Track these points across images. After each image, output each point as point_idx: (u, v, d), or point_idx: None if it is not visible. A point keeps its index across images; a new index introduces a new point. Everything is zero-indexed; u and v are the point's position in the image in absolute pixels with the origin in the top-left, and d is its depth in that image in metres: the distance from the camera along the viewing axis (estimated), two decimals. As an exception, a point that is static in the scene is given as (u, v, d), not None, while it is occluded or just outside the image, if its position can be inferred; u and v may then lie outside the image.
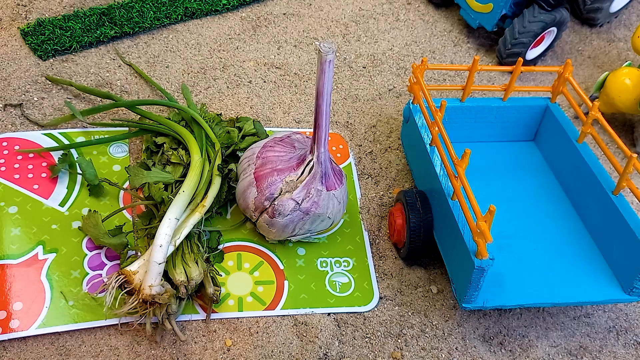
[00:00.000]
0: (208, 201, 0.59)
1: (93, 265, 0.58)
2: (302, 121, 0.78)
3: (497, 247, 0.58)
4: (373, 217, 0.68)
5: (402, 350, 0.56)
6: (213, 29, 0.90)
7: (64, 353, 0.52)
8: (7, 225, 0.60)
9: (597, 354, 0.58)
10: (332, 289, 0.60)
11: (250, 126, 0.70)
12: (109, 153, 0.69)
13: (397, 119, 0.80)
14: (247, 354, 0.54)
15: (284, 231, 0.59)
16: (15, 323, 0.53)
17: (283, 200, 0.57)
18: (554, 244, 0.60)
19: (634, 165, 0.54)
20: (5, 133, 0.69)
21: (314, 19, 0.95)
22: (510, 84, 0.67)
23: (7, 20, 0.85)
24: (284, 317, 0.57)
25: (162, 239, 0.52)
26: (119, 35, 0.85)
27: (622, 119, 0.84)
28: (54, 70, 0.79)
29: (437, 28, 0.96)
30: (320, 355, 0.55)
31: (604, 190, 0.58)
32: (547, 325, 0.59)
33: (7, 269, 0.56)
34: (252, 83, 0.82)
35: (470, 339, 0.58)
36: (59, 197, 0.63)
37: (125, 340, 0.54)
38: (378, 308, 0.59)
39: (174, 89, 0.80)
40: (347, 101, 0.82)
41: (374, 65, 0.88)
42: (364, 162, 0.74)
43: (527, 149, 0.71)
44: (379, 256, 0.64)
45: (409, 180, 0.72)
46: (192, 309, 0.56)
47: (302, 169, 0.58)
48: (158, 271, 0.51)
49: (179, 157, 0.64)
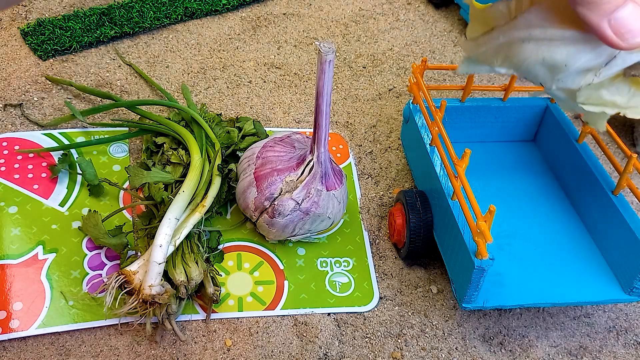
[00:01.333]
0: (208, 201, 0.59)
1: (93, 265, 0.58)
2: (302, 121, 0.78)
3: (497, 247, 0.58)
4: (373, 217, 0.68)
5: (402, 350, 0.56)
6: (213, 29, 0.90)
7: (64, 353, 0.52)
8: (7, 225, 0.60)
9: (597, 354, 0.58)
10: (332, 289, 0.60)
11: (250, 126, 0.70)
12: (109, 153, 0.69)
13: (397, 119, 0.80)
14: (247, 354, 0.54)
15: (284, 231, 0.59)
16: (15, 323, 0.53)
17: (283, 200, 0.57)
18: (554, 244, 0.60)
19: (634, 165, 0.54)
20: (5, 133, 0.69)
21: (314, 19, 0.95)
22: (510, 84, 0.67)
23: (7, 20, 0.85)
24: (284, 317, 0.57)
25: (162, 239, 0.52)
26: (119, 35, 0.85)
27: (622, 119, 0.84)
28: (54, 70, 0.79)
29: (437, 28, 0.96)
30: (320, 355, 0.55)
31: (604, 190, 0.59)
32: (547, 325, 0.59)
33: (7, 269, 0.56)
34: (252, 83, 0.82)
35: (470, 339, 0.58)
36: (59, 197, 0.63)
37: (125, 340, 0.54)
38: (378, 308, 0.59)
39: (174, 89, 0.80)
40: (347, 101, 0.82)
41: (374, 65, 0.88)
42: (364, 162, 0.74)
43: (527, 149, 0.71)
44: (379, 256, 0.64)
45: (409, 180, 0.72)
46: (192, 309, 0.56)
47: (302, 169, 0.58)
48: (158, 271, 0.51)
49: (179, 157, 0.64)
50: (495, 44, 0.47)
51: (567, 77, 0.44)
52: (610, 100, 0.46)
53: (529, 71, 0.46)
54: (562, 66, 0.43)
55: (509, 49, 0.46)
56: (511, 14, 0.46)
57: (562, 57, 0.43)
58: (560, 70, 0.44)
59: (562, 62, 0.43)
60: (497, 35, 0.47)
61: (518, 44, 0.45)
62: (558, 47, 0.43)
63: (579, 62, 0.42)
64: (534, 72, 0.45)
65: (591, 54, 0.42)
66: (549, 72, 0.44)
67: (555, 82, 0.45)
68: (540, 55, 0.44)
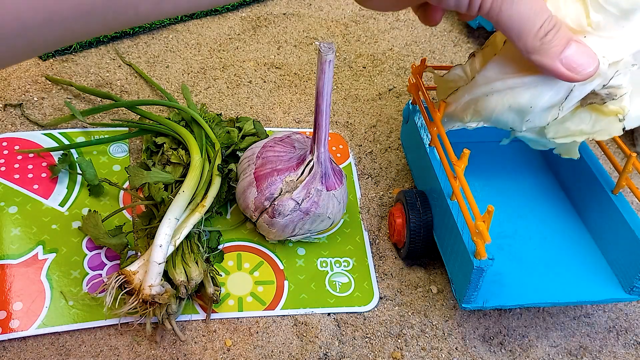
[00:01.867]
0: (208, 201, 0.59)
1: (93, 265, 0.58)
2: (302, 121, 0.78)
3: (497, 247, 0.58)
4: (373, 217, 0.68)
5: (402, 350, 0.56)
6: (213, 29, 0.90)
7: (64, 353, 0.52)
8: (7, 225, 0.60)
9: (597, 354, 0.58)
10: (332, 289, 0.60)
11: (250, 126, 0.70)
12: (109, 153, 0.69)
13: (397, 119, 0.80)
14: (247, 354, 0.54)
15: (284, 231, 0.59)
16: (15, 323, 0.53)
17: (283, 200, 0.57)
18: (553, 244, 0.60)
19: (634, 164, 0.54)
20: (5, 133, 0.69)
21: (314, 19, 0.95)
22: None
23: (7, 21, 0.85)
24: (284, 317, 0.57)
25: (162, 239, 0.52)
26: (119, 35, 0.85)
27: (622, 118, 0.84)
28: (54, 70, 0.79)
29: (437, 28, 0.96)
30: (320, 355, 0.55)
31: (604, 190, 0.59)
32: (547, 325, 0.59)
33: (7, 269, 0.56)
34: (252, 83, 0.82)
35: (470, 339, 0.58)
36: (59, 197, 0.63)
37: (125, 340, 0.54)
38: (378, 308, 0.59)
39: (174, 89, 0.80)
40: (347, 101, 0.82)
41: (374, 65, 0.88)
42: (364, 162, 0.74)
43: (527, 149, 0.71)
44: (379, 256, 0.64)
45: (409, 180, 0.72)
46: (192, 309, 0.56)
47: (302, 169, 0.58)
48: (158, 271, 0.51)
49: (179, 157, 0.64)
50: (462, 102, 0.52)
51: (535, 117, 0.48)
52: (577, 129, 0.50)
53: (498, 120, 0.50)
54: (528, 108, 0.47)
55: (476, 104, 0.51)
56: (468, 74, 0.52)
57: (527, 100, 0.47)
58: (527, 112, 0.48)
59: (528, 105, 0.47)
60: (462, 94, 0.52)
61: (483, 98, 0.49)
62: (520, 92, 0.47)
63: (542, 101, 0.47)
64: (503, 120, 0.50)
65: (551, 92, 0.46)
66: (518, 116, 0.48)
67: (525, 124, 0.49)
68: (506, 103, 0.48)
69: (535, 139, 0.54)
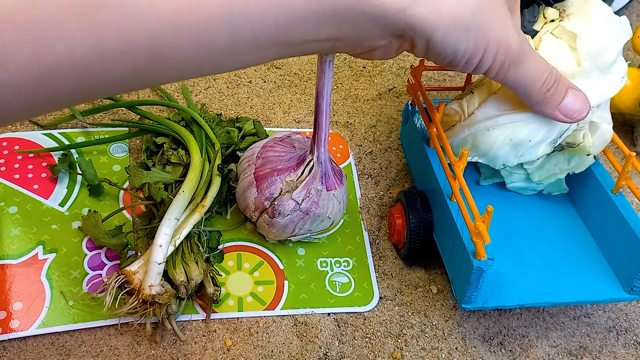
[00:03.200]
0: (208, 201, 0.59)
1: (93, 265, 0.58)
2: (302, 121, 0.78)
3: (497, 247, 0.58)
4: (373, 217, 0.68)
5: (402, 350, 0.56)
6: (213, 29, 0.90)
7: (64, 353, 0.52)
8: (7, 225, 0.60)
9: (597, 354, 0.58)
10: (332, 289, 0.60)
11: (250, 126, 0.70)
12: (109, 153, 0.69)
13: (397, 119, 0.80)
14: (247, 354, 0.54)
15: (284, 231, 0.59)
16: (15, 323, 0.53)
17: (283, 200, 0.57)
18: (553, 244, 0.60)
19: (633, 164, 0.54)
20: (5, 133, 0.69)
21: (314, 19, 0.95)
22: (510, 84, 0.67)
23: (7, 21, 0.85)
24: (284, 317, 0.57)
25: (162, 239, 0.52)
26: (119, 35, 0.85)
27: (622, 119, 0.84)
28: (54, 70, 0.79)
29: (437, 28, 0.96)
30: (320, 355, 0.55)
31: (604, 190, 0.59)
32: (547, 325, 0.59)
33: (7, 269, 0.56)
34: (252, 83, 0.82)
35: (470, 339, 0.58)
36: (59, 197, 0.63)
37: (125, 340, 0.54)
38: (378, 308, 0.59)
39: (174, 89, 0.80)
40: (347, 101, 0.82)
41: (374, 65, 0.88)
42: (364, 162, 0.74)
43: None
44: (379, 256, 0.64)
45: (409, 180, 0.72)
46: (192, 309, 0.56)
47: (302, 169, 0.58)
48: (158, 271, 0.51)
49: (179, 157, 0.64)
50: (460, 138, 0.56)
51: (528, 152, 0.54)
52: (556, 169, 0.59)
53: (495, 155, 0.55)
54: (526, 142, 0.53)
55: (475, 139, 0.55)
56: (464, 110, 0.56)
57: (526, 134, 0.53)
58: (524, 146, 0.53)
59: (527, 138, 0.53)
60: (459, 130, 0.56)
61: (483, 132, 0.54)
62: (520, 127, 0.53)
63: (537, 136, 0.53)
64: (499, 154, 0.55)
65: (546, 128, 0.53)
66: (513, 150, 0.54)
67: (518, 158, 0.54)
68: (508, 136, 0.53)
69: (524, 187, 0.62)
